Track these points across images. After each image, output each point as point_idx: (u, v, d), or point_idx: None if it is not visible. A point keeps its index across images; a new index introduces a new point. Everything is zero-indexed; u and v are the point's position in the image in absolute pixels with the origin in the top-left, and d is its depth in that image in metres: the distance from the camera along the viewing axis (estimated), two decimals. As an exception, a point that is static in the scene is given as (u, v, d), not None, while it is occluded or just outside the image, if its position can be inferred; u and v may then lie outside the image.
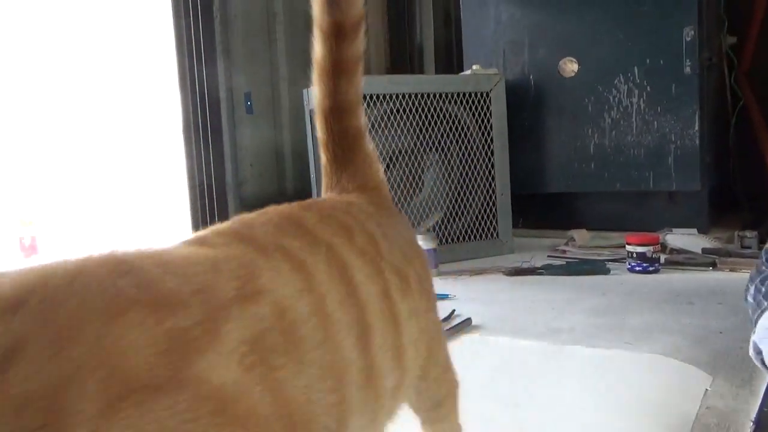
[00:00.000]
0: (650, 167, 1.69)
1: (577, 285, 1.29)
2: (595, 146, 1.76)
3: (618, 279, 1.33)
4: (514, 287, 1.31)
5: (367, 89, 1.81)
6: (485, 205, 1.66)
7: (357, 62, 0.47)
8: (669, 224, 1.68)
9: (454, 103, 1.61)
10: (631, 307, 1.10)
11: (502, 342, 0.93)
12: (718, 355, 0.83)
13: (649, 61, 1.66)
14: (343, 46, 0.46)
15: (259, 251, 0.32)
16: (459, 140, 1.63)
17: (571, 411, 0.69)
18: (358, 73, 0.48)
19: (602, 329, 0.97)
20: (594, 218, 1.81)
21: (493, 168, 1.66)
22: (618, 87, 1.71)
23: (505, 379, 0.78)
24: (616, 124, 1.72)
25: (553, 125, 1.82)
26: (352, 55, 0.47)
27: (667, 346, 0.86)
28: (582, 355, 0.86)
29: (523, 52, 1.85)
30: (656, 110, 1.67)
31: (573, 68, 1.77)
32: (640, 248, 1.36)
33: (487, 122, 1.64)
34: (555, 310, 1.11)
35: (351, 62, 0.47)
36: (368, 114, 1.52)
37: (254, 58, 1.84)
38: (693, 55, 1.60)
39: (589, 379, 0.78)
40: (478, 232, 1.66)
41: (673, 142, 1.65)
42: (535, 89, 1.83)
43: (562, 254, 1.59)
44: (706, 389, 0.72)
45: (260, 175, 1.87)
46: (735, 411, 0.67)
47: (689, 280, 1.29)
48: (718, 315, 1.01)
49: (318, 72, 0.47)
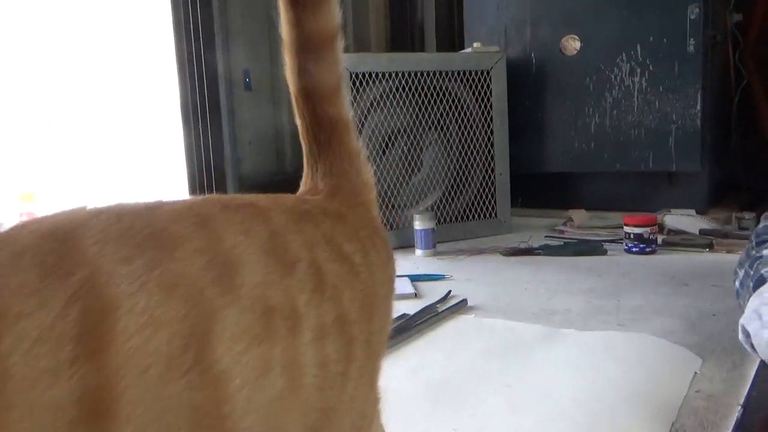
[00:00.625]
0: (650, 147, 1.68)
1: (573, 266, 1.30)
2: (595, 126, 1.75)
3: (615, 260, 1.34)
4: (511, 268, 1.31)
5: (366, 67, 1.80)
6: (484, 184, 1.66)
7: (328, 38, 0.40)
8: (668, 205, 1.67)
9: (455, 82, 1.60)
10: (626, 288, 1.10)
11: (497, 323, 0.94)
12: (710, 337, 0.84)
13: (652, 39, 1.64)
14: (305, 16, 0.38)
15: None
16: (458, 119, 1.62)
17: (562, 391, 0.70)
18: (332, 51, 0.40)
19: (597, 311, 0.98)
20: (593, 198, 1.81)
21: (493, 147, 1.65)
22: (620, 66, 1.69)
23: (498, 361, 0.79)
24: (618, 104, 1.71)
25: (554, 104, 1.80)
26: (320, 29, 0.39)
27: (661, 328, 0.87)
28: (575, 336, 0.87)
29: (524, 30, 1.82)
30: (658, 90, 1.65)
31: (575, 46, 1.75)
32: (637, 229, 1.36)
33: (487, 101, 1.63)
34: (551, 291, 1.11)
35: (318, 37, 0.39)
36: (368, 92, 1.51)
37: (253, 35, 1.82)
38: (697, 34, 1.58)
39: (581, 359, 0.79)
40: (476, 211, 1.66)
41: (675, 122, 1.64)
42: (537, 67, 1.81)
43: (560, 234, 1.60)
44: (695, 372, 0.73)
45: (259, 153, 1.86)
46: (724, 394, 0.68)
47: (685, 261, 1.29)
48: (712, 297, 1.02)
49: (285, 48, 0.40)
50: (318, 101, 0.40)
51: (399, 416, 0.66)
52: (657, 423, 0.62)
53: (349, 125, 0.42)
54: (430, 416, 0.66)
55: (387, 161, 1.56)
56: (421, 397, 0.70)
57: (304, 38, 0.39)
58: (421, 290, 1.14)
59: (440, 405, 0.68)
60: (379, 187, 1.54)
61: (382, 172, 1.56)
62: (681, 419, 0.63)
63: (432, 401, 0.69)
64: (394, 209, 1.58)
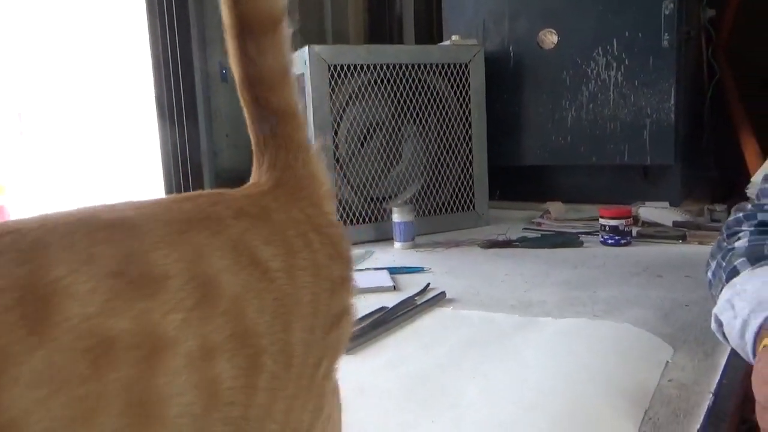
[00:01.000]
0: (626, 141, 1.70)
1: (550, 258, 1.31)
2: (572, 119, 1.76)
3: (590, 252, 1.35)
4: (488, 260, 1.32)
5: (344, 59, 1.78)
6: (462, 177, 1.67)
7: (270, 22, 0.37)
8: (642, 197, 1.70)
9: (433, 75, 1.60)
10: (601, 280, 1.12)
11: (475, 315, 0.95)
12: (682, 328, 0.85)
13: (628, 34, 1.66)
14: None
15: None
16: (437, 112, 1.62)
17: (538, 380, 0.70)
18: (276, 36, 0.37)
19: (573, 302, 0.99)
20: (570, 191, 1.83)
21: (471, 140, 1.66)
22: (596, 60, 1.71)
23: (476, 352, 0.80)
24: (594, 98, 1.73)
25: (532, 98, 1.81)
26: (260, 12, 0.36)
27: (635, 319, 0.88)
28: (552, 324, 0.88)
29: (503, 23, 1.83)
30: (633, 84, 1.67)
31: (552, 40, 1.76)
32: (613, 221, 1.38)
33: (466, 94, 1.64)
34: (528, 283, 1.12)
35: (259, 21, 0.36)
36: (346, 85, 1.51)
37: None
38: (671, 29, 1.60)
39: (557, 347, 0.80)
40: (454, 204, 1.67)
41: (649, 116, 1.66)
42: (515, 61, 1.82)
43: (538, 227, 1.61)
44: (667, 361, 0.74)
45: (236, 146, 1.84)
46: (696, 383, 0.69)
47: (659, 252, 1.32)
48: (684, 288, 1.04)
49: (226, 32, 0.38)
50: (261, 90, 0.38)
51: (377, 409, 0.67)
52: (631, 412, 0.63)
53: (295, 116, 0.40)
54: (408, 409, 0.66)
55: (365, 154, 1.56)
56: (399, 390, 0.70)
57: (243, 22, 0.36)
58: (400, 283, 1.14)
59: (418, 397, 0.68)
60: (357, 180, 1.55)
61: (361, 164, 1.55)
62: (654, 407, 0.64)
63: (410, 394, 0.69)
64: (372, 202, 1.58)
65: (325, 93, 1.47)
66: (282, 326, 0.32)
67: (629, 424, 0.61)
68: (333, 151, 1.50)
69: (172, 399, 0.27)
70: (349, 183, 1.55)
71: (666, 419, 0.62)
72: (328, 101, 1.48)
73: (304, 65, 1.47)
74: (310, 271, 0.35)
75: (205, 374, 0.28)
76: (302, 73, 1.50)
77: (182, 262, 0.29)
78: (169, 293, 0.28)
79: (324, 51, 1.46)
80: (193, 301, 0.28)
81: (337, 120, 1.51)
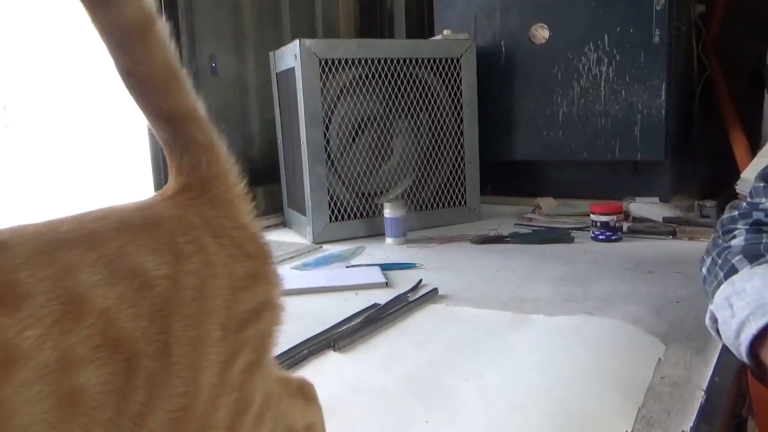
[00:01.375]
0: (617, 136, 1.71)
1: (542, 253, 1.31)
2: (563, 115, 1.76)
3: (582, 247, 1.36)
4: (480, 256, 1.32)
5: (335, 54, 1.77)
6: (453, 172, 1.66)
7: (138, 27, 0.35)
8: (633, 193, 1.71)
9: (424, 69, 1.59)
10: (593, 276, 1.12)
11: (467, 312, 0.95)
12: (674, 324, 0.86)
13: (619, 29, 1.66)
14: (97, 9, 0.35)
15: None
16: (428, 106, 1.61)
17: (532, 378, 0.70)
18: (149, 41, 0.36)
19: (565, 298, 1.00)
20: (561, 186, 1.83)
21: (462, 135, 1.66)
22: (588, 55, 1.71)
23: (469, 350, 0.80)
24: (585, 93, 1.73)
25: (523, 93, 1.81)
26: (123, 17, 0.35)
27: (626, 315, 0.89)
28: (544, 321, 0.88)
29: (494, 18, 1.83)
30: (624, 79, 1.67)
31: (544, 35, 1.76)
32: (604, 217, 1.38)
33: (457, 88, 1.63)
34: (520, 279, 1.12)
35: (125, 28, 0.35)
36: (337, 79, 1.49)
37: (219, 18, 1.77)
38: (662, 25, 1.60)
39: (550, 345, 0.80)
40: (446, 199, 1.66)
41: (640, 111, 1.67)
42: (506, 56, 1.82)
43: (529, 222, 1.61)
44: (659, 358, 0.74)
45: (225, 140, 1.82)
46: (687, 380, 0.69)
47: (650, 248, 1.32)
48: (675, 284, 1.04)
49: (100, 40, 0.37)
50: (150, 98, 0.37)
51: (370, 408, 0.66)
52: (625, 409, 0.63)
53: (193, 117, 0.39)
54: (402, 408, 0.66)
55: (356, 149, 1.55)
56: (392, 388, 0.70)
57: (111, 33, 0.35)
58: (392, 279, 1.14)
59: (411, 396, 0.68)
60: (348, 175, 1.54)
61: (352, 159, 1.54)
62: (647, 405, 0.64)
63: (403, 392, 0.69)
64: (363, 197, 1.57)
65: (315, 87, 1.46)
66: (159, 329, 0.33)
67: (623, 421, 0.61)
68: (324, 146, 1.49)
69: (22, 408, 0.28)
70: (340, 178, 1.54)
71: (659, 416, 0.62)
72: (319, 96, 1.46)
73: (294, 59, 1.46)
74: (203, 273, 0.36)
75: (62, 384, 0.29)
76: (293, 67, 1.48)
77: (47, 281, 0.30)
78: (29, 310, 0.29)
79: (315, 45, 1.45)
80: (55, 318, 0.29)
81: (327, 115, 1.50)
